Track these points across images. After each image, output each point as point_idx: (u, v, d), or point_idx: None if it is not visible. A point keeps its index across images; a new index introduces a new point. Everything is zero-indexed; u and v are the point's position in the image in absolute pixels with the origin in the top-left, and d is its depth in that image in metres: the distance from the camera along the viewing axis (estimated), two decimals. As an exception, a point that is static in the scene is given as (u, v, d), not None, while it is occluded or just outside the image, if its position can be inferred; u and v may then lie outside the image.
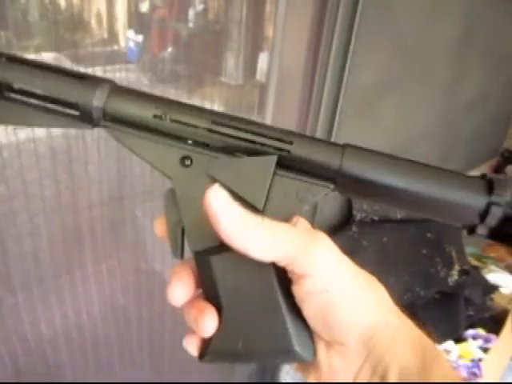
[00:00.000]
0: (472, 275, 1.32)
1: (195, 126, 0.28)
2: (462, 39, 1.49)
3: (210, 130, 0.28)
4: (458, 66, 1.57)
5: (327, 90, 1.07)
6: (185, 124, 0.28)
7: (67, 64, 0.74)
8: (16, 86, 0.28)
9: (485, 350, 1.22)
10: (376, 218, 1.27)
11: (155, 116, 0.28)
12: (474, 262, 1.53)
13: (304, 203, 0.28)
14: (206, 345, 0.29)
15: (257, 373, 1.46)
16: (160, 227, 0.30)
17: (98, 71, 0.79)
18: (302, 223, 0.30)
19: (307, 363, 0.30)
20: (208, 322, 0.28)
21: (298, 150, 0.28)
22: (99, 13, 0.78)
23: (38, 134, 0.76)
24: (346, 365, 0.28)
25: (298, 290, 0.28)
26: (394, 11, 1.14)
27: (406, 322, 0.29)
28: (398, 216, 1.31)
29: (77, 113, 0.28)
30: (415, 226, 1.30)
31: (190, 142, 0.28)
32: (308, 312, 0.28)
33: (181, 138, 0.28)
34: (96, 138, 0.83)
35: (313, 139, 0.29)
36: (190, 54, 0.92)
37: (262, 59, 1.04)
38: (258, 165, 0.28)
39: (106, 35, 0.81)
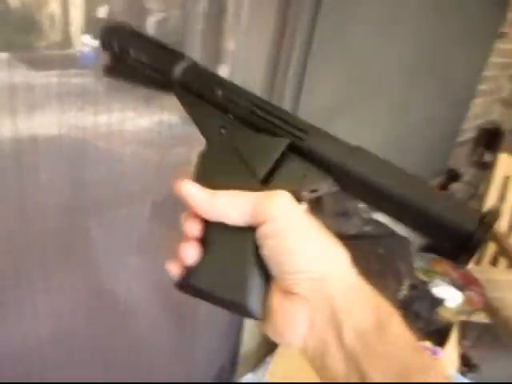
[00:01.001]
0: (420, 289, 1.36)
1: (238, 104, 0.35)
2: (411, 62, 1.56)
3: (248, 110, 0.34)
4: (408, 87, 1.64)
5: (285, 108, 1.08)
6: (231, 101, 0.35)
7: (19, 67, 0.71)
8: (132, 53, 0.39)
9: (431, 363, 1.26)
10: (330, 233, 1.29)
11: (212, 90, 0.35)
12: (422, 276, 1.58)
13: (303, 187, 0.32)
14: (184, 276, 0.33)
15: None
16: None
17: (52, 75, 0.76)
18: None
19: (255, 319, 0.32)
20: (191, 251, 0.33)
21: (311, 140, 0.32)
22: (53, 15, 0.75)
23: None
24: (299, 312, 0.30)
25: (258, 237, 0.31)
26: (348, 33, 1.18)
27: (362, 283, 0.31)
28: (351, 232, 1.34)
29: (161, 78, 0.38)
30: (368, 242, 1.33)
31: (231, 116, 0.35)
32: (266, 256, 0.31)
33: (225, 111, 0.35)
34: (49, 144, 0.79)
35: (328, 135, 0.33)
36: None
37: (222, 72, 1.04)
38: (271, 143, 0.33)
39: (60, 39, 0.78)
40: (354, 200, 1.38)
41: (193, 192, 0.33)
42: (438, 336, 1.36)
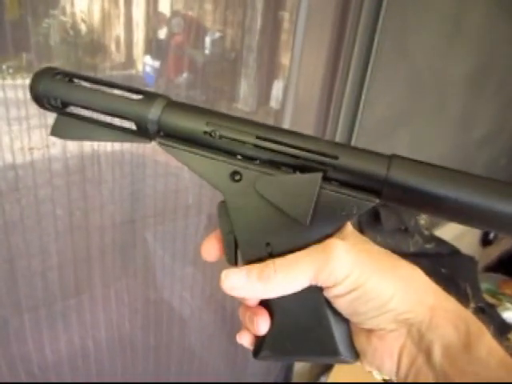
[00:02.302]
0: (488, 313, 1.28)
1: (242, 142, 0.29)
2: (476, 73, 1.49)
3: (256, 146, 0.29)
4: (472, 100, 1.56)
5: (342, 122, 1.07)
6: (232, 140, 0.29)
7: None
8: (79, 103, 0.31)
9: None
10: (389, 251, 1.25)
11: (205, 132, 0.29)
12: (490, 299, 1.49)
13: (350, 217, 0.29)
14: (258, 344, 0.32)
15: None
16: (209, 245, 0.33)
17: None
18: (347, 230, 0.31)
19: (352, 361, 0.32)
20: (261, 322, 0.31)
21: (344, 163, 0.28)
22: (118, 38, 0.80)
23: (53, 153, 0.76)
24: (389, 346, 0.29)
25: (328, 296, 0.30)
26: (410, 45, 1.15)
27: (443, 300, 0.30)
28: (411, 249, 1.28)
29: (134, 127, 0.30)
30: (428, 261, 1.27)
31: (239, 157, 0.30)
32: (343, 311, 0.30)
33: (230, 153, 0.30)
34: (111, 159, 0.83)
35: (359, 151, 0.29)
36: (205, 80, 0.93)
37: (277, 87, 1.05)
38: (304, 182, 0.28)
39: (123, 59, 0.83)
40: (413, 215, 1.33)
41: (240, 286, 0.29)
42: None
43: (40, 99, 0.32)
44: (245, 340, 0.33)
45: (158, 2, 0.81)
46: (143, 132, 0.30)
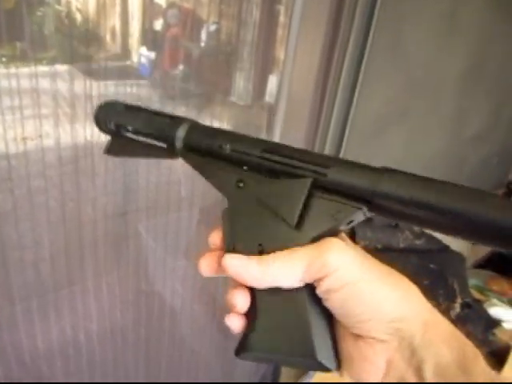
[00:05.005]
0: (474, 309, 1.30)
1: (249, 154, 0.34)
2: (470, 72, 1.50)
3: (261, 157, 0.33)
4: (466, 97, 1.57)
5: (335, 117, 1.07)
6: (241, 152, 0.34)
7: (80, 77, 0.75)
8: (130, 127, 0.39)
9: (485, 387, 1.19)
10: (379, 246, 1.26)
11: (219, 146, 0.35)
12: (477, 295, 1.51)
13: (339, 223, 0.31)
14: (241, 343, 0.32)
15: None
16: (214, 239, 0.35)
17: (110, 85, 0.80)
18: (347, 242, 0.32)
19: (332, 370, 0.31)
20: (238, 294, 0.32)
21: (335, 173, 0.31)
22: (113, 28, 0.80)
23: (46, 144, 0.76)
24: (378, 355, 0.28)
25: (320, 292, 0.29)
26: (404, 42, 1.16)
27: (438, 318, 0.29)
28: (401, 245, 1.30)
29: (165, 145, 0.37)
30: (418, 256, 1.28)
31: (245, 167, 0.34)
32: (335, 310, 0.30)
33: (238, 164, 0.34)
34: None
35: (351, 163, 0.31)
36: (200, 72, 0.93)
37: (272, 81, 1.05)
38: (294, 186, 0.32)
39: (119, 50, 0.82)
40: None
41: (240, 265, 0.31)
42: (494, 359, 1.28)
43: (100, 123, 0.40)
44: (233, 322, 0.33)
45: (154, -6, 0.81)
46: (171, 149, 0.37)
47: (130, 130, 0.39)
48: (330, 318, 0.31)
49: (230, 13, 0.95)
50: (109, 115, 0.40)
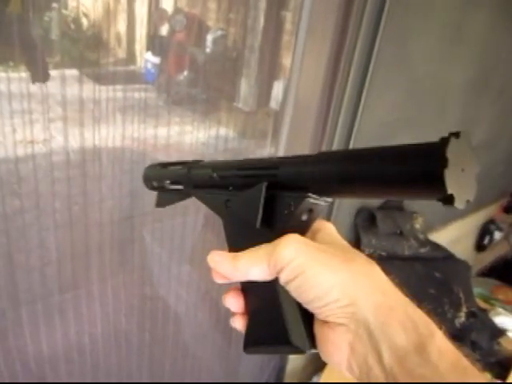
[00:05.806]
0: (479, 318, 1.29)
1: (228, 176, 0.39)
2: (476, 80, 1.50)
3: (236, 176, 0.38)
4: (471, 106, 1.57)
5: (341, 124, 1.07)
6: (223, 176, 0.40)
7: (87, 81, 0.76)
8: (166, 182, 0.47)
9: (491, 397, 1.18)
10: (384, 254, 1.26)
11: (210, 176, 0.41)
12: (482, 304, 1.50)
13: (298, 214, 0.33)
14: (244, 340, 0.37)
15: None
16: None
17: (117, 90, 0.80)
18: (327, 234, 0.36)
19: (304, 351, 0.34)
20: (229, 298, 0.37)
21: (282, 171, 0.34)
22: (119, 33, 0.80)
23: (53, 147, 0.76)
24: (340, 339, 0.30)
25: (283, 284, 0.33)
26: (411, 50, 1.16)
27: (393, 300, 0.30)
28: (406, 253, 1.29)
29: (181, 187, 0.45)
30: (422, 264, 1.27)
31: (230, 188, 0.39)
32: (296, 298, 0.32)
33: (225, 187, 0.39)
34: (111, 155, 0.83)
35: (296, 158, 0.34)
36: (205, 78, 0.93)
37: (278, 87, 1.05)
38: (253, 193, 0.35)
39: (125, 55, 0.83)
40: (409, 220, 1.34)
41: (217, 260, 0.36)
42: (499, 368, 1.27)
43: (147, 182, 0.50)
44: (236, 323, 0.37)
45: (161, -1, 0.81)
46: (187, 189, 0.45)
47: (155, 185, 0.49)
48: (301, 306, 0.33)
49: (236, 19, 0.95)
50: (150, 175, 0.50)
